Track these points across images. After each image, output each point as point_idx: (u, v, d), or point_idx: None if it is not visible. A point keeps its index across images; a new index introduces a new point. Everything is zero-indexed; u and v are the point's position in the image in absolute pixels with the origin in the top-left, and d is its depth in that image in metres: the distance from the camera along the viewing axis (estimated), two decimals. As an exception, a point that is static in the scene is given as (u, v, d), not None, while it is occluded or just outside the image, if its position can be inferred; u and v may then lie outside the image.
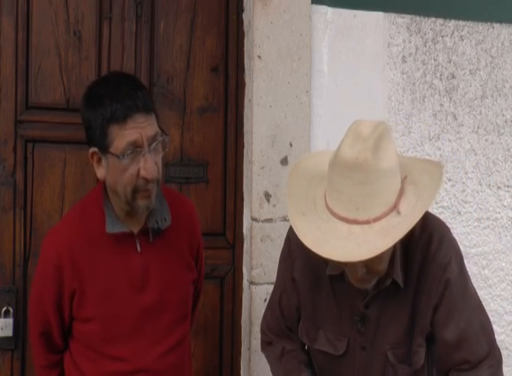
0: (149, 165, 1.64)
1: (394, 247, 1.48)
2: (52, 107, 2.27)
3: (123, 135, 1.62)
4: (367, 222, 1.38)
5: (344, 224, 1.40)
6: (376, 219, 1.38)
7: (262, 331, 1.87)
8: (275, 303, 1.80)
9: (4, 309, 2.20)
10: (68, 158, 2.28)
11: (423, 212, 1.40)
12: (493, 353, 1.61)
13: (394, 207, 1.41)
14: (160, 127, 1.70)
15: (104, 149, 1.65)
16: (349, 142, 1.40)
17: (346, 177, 1.38)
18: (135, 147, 1.63)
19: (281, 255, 1.80)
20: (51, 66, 2.27)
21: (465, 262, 1.64)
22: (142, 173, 1.64)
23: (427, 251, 1.56)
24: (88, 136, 1.70)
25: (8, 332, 2.20)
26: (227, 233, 2.43)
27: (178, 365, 1.85)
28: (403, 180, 1.46)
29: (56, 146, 2.27)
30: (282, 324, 1.79)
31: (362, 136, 1.40)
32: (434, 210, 2.47)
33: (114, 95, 1.63)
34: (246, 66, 2.38)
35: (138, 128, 1.62)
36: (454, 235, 1.62)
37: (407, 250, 1.56)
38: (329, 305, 1.66)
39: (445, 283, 1.55)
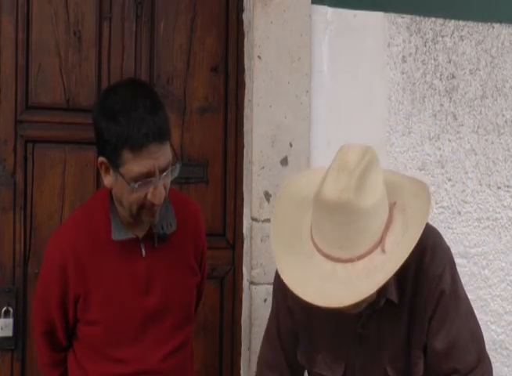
0: (158, 192, 1.62)
1: None
2: (52, 107, 2.27)
3: (136, 164, 1.58)
4: (351, 261, 1.35)
5: (327, 261, 1.37)
6: (360, 257, 1.35)
7: (258, 370, 1.81)
8: (274, 333, 1.74)
9: (4, 309, 2.20)
10: (68, 158, 2.28)
11: (409, 251, 1.35)
12: (483, 362, 1.57)
13: (380, 243, 1.37)
14: (172, 149, 1.67)
15: (114, 166, 1.62)
16: (333, 177, 1.36)
17: (328, 217, 1.35)
18: (147, 177, 1.60)
19: (274, 284, 1.76)
20: (51, 66, 2.27)
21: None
22: (150, 197, 1.63)
23: (420, 262, 1.53)
24: (98, 144, 1.66)
25: (8, 332, 2.20)
26: (227, 233, 2.43)
27: (181, 367, 1.86)
28: (392, 207, 1.42)
29: (56, 146, 2.27)
30: (281, 357, 1.73)
31: (347, 167, 1.36)
32: (435, 210, 2.47)
33: (130, 117, 1.57)
34: (246, 66, 2.38)
35: (152, 159, 1.58)
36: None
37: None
38: (326, 330, 1.63)
39: (440, 294, 1.53)
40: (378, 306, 1.53)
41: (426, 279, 1.53)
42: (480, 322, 2.35)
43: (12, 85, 2.23)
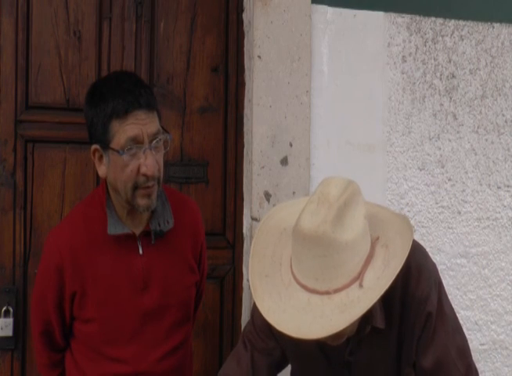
0: (150, 162, 1.64)
1: None
2: (52, 107, 2.27)
3: (123, 131, 1.62)
4: (327, 293, 1.33)
5: (304, 292, 1.35)
6: (336, 290, 1.33)
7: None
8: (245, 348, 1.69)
9: (4, 308, 2.20)
10: (68, 158, 2.28)
11: (385, 287, 1.33)
12: (471, 375, 1.57)
13: (358, 278, 1.35)
14: (162, 126, 1.71)
15: (105, 145, 1.65)
16: (312, 209, 1.35)
17: (305, 248, 1.34)
18: (136, 143, 1.63)
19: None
20: (51, 66, 2.27)
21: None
22: (143, 169, 1.64)
23: (406, 286, 1.52)
24: (90, 133, 1.70)
25: (8, 332, 2.20)
26: (227, 233, 2.43)
27: (179, 367, 1.85)
28: (374, 242, 1.41)
29: (56, 146, 2.27)
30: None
31: (328, 200, 1.35)
32: (435, 210, 2.47)
33: (116, 92, 1.64)
34: (246, 66, 2.38)
35: (138, 124, 1.63)
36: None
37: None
38: (315, 356, 1.62)
39: (427, 316, 1.52)
40: (364, 333, 1.51)
41: (412, 303, 1.52)
42: (480, 322, 2.36)
43: (12, 85, 2.23)
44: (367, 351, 1.56)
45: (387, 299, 1.48)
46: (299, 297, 1.35)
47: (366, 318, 1.47)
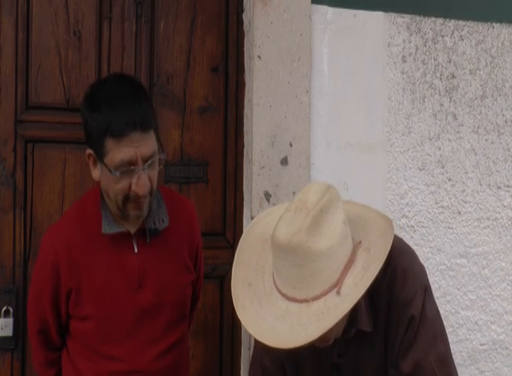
0: (142, 182, 1.63)
1: None
2: (52, 107, 2.27)
3: (118, 151, 1.60)
4: (305, 301, 1.33)
5: (283, 300, 1.35)
6: (314, 298, 1.33)
7: None
8: (257, 362, 1.70)
9: (4, 308, 2.20)
10: (68, 158, 2.28)
11: (361, 293, 1.32)
12: None
13: (336, 285, 1.34)
14: (158, 140, 1.68)
15: (99, 156, 1.65)
16: (288, 217, 1.34)
17: (281, 258, 1.33)
18: (129, 165, 1.61)
19: None
20: (51, 66, 2.27)
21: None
22: (134, 188, 1.63)
23: (392, 289, 1.51)
24: (85, 134, 1.70)
25: (8, 332, 2.20)
26: (227, 233, 2.43)
27: (175, 366, 1.86)
28: (356, 246, 1.40)
29: (56, 146, 2.27)
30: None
31: (305, 207, 1.33)
32: (435, 210, 2.47)
33: (112, 105, 1.60)
34: (246, 66, 2.38)
35: (133, 147, 1.60)
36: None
37: (373, 291, 1.44)
38: (308, 358, 1.61)
39: (410, 319, 1.51)
40: (349, 336, 1.51)
41: (397, 305, 1.51)
42: (480, 322, 2.36)
43: (12, 85, 2.23)
44: (355, 353, 1.56)
45: (373, 302, 1.49)
46: (278, 305, 1.35)
47: (352, 321, 1.47)
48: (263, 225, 1.54)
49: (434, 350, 1.53)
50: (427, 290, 1.55)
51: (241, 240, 1.54)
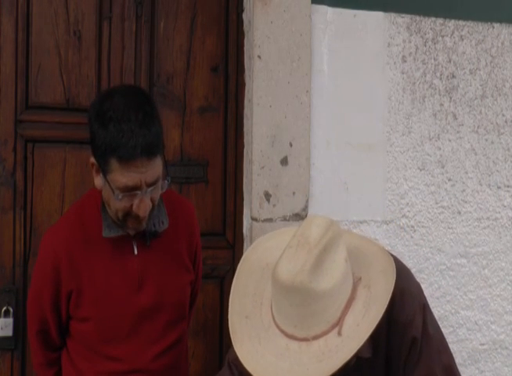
0: (143, 205, 1.62)
1: None
2: (52, 107, 2.27)
3: (122, 175, 1.58)
4: (305, 340, 1.31)
5: (283, 337, 1.33)
6: (315, 337, 1.31)
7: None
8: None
9: (4, 308, 2.20)
10: (68, 158, 2.28)
11: (365, 338, 1.30)
12: None
13: (337, 324, 1.32)
14: (164, 163, 1.65)
15: (103, 170, 1.63)
16: (290, 254, 1.31)
17: (282, 297, 1.31)
18: (133, 190, 1.60)
19: None
20: (51, 66, 2.27)
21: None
22: (135, 209, 1.63)
23: (390, 313, 1.47)
24: (91, 143, 1.67)
25: (8, 332, 2.20)
26: (227, 233, 2.43)
27: (174, 366, 1.86)
28: (356, 283, 1.38)
29: (56, 146, 2.27)
30: None
31: (308, 243, 1.31)
32: (435, 210, 2.47)
33: (120, 128, 1.56)
34: (246, 66, 2.38)
35: (138, 173, 1.58)
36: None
37: None
38: None
39: (412, 340, 1.49)
40: (350, 365, 1.46)
41: (397, 329, 1.49)
42: (480, 322, 2.36)
43: (12, 85, 2.23)
44: None
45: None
46: (278, 342, 1.33)
47: None
48: (262, 251, 1.51)
49: (440, 363, 1.52)
50: (425, 308, 1.54)
51: (239, 265, 1.51)
